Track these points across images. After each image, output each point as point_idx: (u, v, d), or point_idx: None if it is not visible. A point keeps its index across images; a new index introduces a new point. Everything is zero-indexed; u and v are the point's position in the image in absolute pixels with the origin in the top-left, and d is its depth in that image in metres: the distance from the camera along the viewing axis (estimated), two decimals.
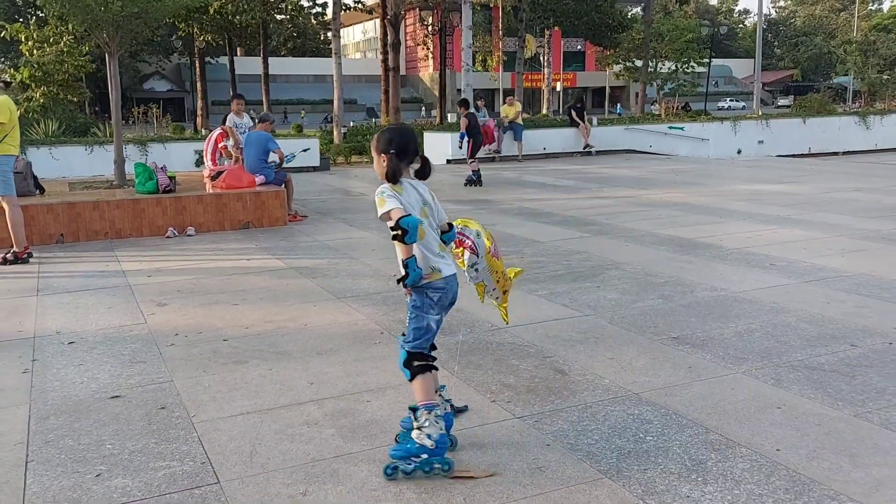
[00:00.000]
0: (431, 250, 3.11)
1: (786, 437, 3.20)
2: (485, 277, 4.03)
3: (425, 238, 3.06)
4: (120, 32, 9.63)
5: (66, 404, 3.75)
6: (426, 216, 3.13)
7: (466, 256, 3.99)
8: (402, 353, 3.11)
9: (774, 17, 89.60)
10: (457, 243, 4.01)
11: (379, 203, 2.99)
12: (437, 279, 3.09)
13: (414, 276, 2.97)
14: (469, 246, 3.94)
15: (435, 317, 3.13)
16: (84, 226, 8.47)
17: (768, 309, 5.12)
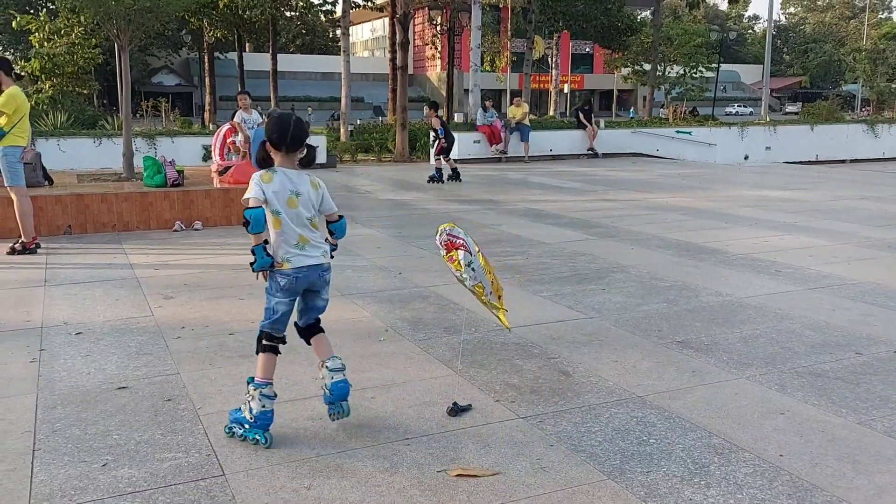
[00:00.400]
0: (287, 241, 3.24)
1: (789, 442, 3.20)
2: (481, 277, 4.12)
3: (281, 229, 3.22)
4: (131, 26, 9.67)
5: (74, 394, 3.78)
6: (294, 206, 3.22)
7: (461, 255, 4.05)
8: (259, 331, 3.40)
9: (784, 24, 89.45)
10: (449, 246, 4.09)
11: (248, 189, 3.21)
12: (286, 268, 3.24)
13: (260, 263, 3.23)
14: (461, 245, 4.01)
15: (282, 300, 3.30)
16: (92, 218, 8.51)
17: (773, 315, 5.12)
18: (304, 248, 3.27)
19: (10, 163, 7.17)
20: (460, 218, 9.61)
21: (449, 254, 4.12)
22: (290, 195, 3.21)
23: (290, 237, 3.24)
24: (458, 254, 4.07)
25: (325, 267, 3.36)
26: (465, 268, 3.98)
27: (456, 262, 4.05)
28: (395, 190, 13.20)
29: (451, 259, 4.10)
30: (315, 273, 3.31)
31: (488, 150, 18.76)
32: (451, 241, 4.10)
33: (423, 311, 5.27)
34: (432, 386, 3.88)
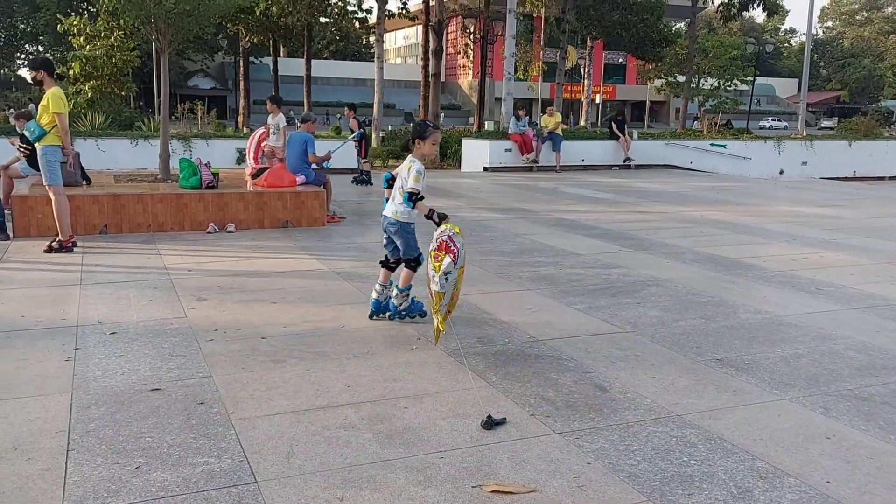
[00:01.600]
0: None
1: (836, 468, 3.09)
2: (448, 290, 4.22)
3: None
4: (171, 29, 9.78)
5: (108, 394, 3.78)
6: (398, 178, 5.11)
7: (446, 262, 4.23)
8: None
9: (821, 38, 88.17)
10: (442, 246, 4.33)
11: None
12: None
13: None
14: (453, 253, 4.30)
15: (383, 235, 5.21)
16: (128, 218, 8.60)
17: (815, 335, 4.99)
18: (388, 204, 5.13)
19: (49, 161, 7.28)
20: (493, 227, 9.55)
21: (437, 252, 4.32)
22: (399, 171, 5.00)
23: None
24: (445, 259, 4.26)
25: (389, 220, 5.07)
26: (441, 273, 4.24)
27: (437, 264, 4.27)
28: (425, 197, 13.14)
29: (435, 258, 4.29)
30: (385, 222, 5.13)
31: (520, 159, 18.69)
32: (448, 244, 4.31)
33: (456, 320, 5.20)
34: (465, 397, 3.82)
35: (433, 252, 4.41)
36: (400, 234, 5.02)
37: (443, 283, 4.24)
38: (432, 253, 4.41)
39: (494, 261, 7.33)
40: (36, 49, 53.24)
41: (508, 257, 7.53)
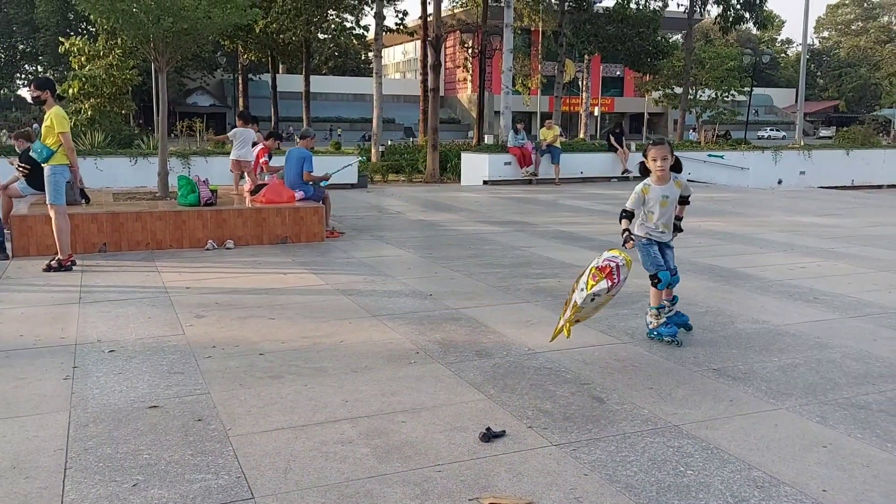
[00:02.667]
0: None
1: (832, 477, 3.10)
2: (587, 306, 4.31)
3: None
4: (169, 48, 9.86)
5: (106, 412, 3.79)
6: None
7: (601, 286, 4.22)
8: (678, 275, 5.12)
9: (818, 48, 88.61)
10: (605, 271, 4.29)
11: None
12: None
13: None
14: (614, 281, 4.25)
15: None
16: (126, 236, 8.63)
17: (812, 343, 4.99)
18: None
19: (56, 181, 7.39)
20: (492, 240, 9.57)
21: (599, 272, 4.26)
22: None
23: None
24: (602, 283, 4.22)
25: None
26: (588, 292, 4.25)
27: (593, 282, 4.25)
28: (425, 210, 13.22)
29: (593, 277, 4.25)
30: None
31: (519, 172, 18.75)
32: (612, 271, 4.28)
33: (454, 334, 5.23)
34: (463, 410, 3.83)
35: (594, 269, 4.36)
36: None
37: (587, 302, 4.29)
38: (593, 270, 4.36)
39: (494, 273, 7.35)
40: (35, 69, 53.54)
41: (507, 270, 7.55)
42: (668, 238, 5.04)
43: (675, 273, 5.04)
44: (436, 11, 22.42)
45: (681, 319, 5.13)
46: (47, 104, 7.34)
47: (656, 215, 4.94)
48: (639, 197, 4.96)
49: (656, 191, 4.93)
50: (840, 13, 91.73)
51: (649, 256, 4.99)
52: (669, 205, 4.94)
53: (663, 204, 4.92)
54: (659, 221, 4.95)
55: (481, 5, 32.45)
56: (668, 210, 4.94)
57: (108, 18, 9.81)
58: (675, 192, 4.95)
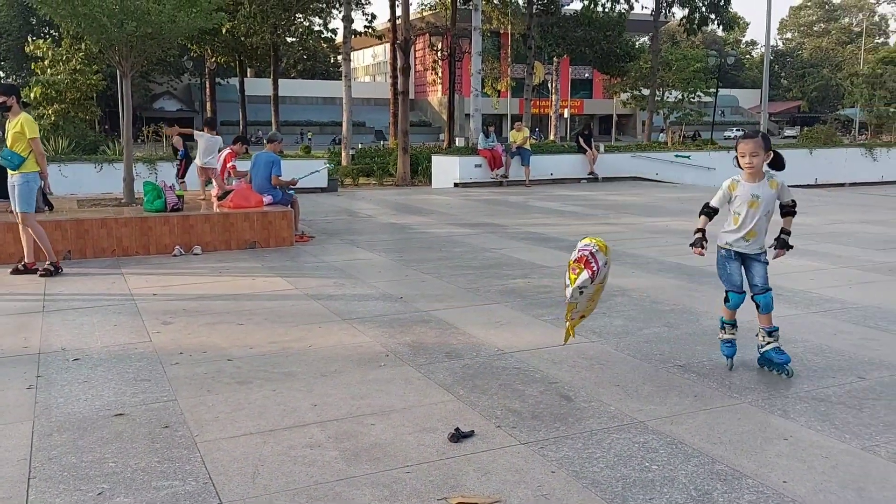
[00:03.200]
0: None
1: (792, 468, 3.17)
2: (581, 302, 4.12)
3: None
4: (133, 52, 9.75)
5: (70, 421, 3.74)
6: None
7: (583, 277, 4.01)
8: (771, 293, 4.36)
9: (781, 49, 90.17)
10: (582, 260, 4.06)
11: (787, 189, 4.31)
12: None
13: None
14: (592, 269, 4.01)
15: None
16: (91, 243, 8.51)
17: None
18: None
19: (30, 189, 7.36)
20: (463, 242, 9.60)
21: (576, 264, 4.08)
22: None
23: None
24: (583, 274, 4.04)
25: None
26: (575, 287, 4.04)
27: (574, 276, 4.07)
28: (396, 214, 13.22)
29: (573, 271, 4.07)
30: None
31: (489, 174, 18.83)
32: (588, 259, 4.06)
33: (424, 336, 5.25)
34: (432, 412, 3.84)
35: (571, 263, 4.13)
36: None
37: (576, 296, 4.07)
38: (570, 263, 4.13)
39: (464, 275, 7.38)
40: None
41: (478, 271, 7.58)
42: (756, 249, 4.32)
43: (763, 293, 4.30)
44: (404, 14, 22.44)
45: (780, 358, 4.31)
46: (12, 111, 7.25)
47: (743, 217, 4.28)
48: (724, 193, 4.37)
49: (745, 188, 4.28)
50: (802, 15, 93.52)
51: (724, 272, 4.43)
52: (760, 207, 4.24)
53: (752, 205, 4.24)
54: (746, 226, 4.28)
55: (450, 8, 32.55)
56: (758, 214, 4.26)
57: (70, 23, 9.68)
58: (769, 192, 4.26)
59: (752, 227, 4.28)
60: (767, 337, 4.32)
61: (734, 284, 4.37)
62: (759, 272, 4.31)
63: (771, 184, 4.28)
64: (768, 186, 4.28)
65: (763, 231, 4.30)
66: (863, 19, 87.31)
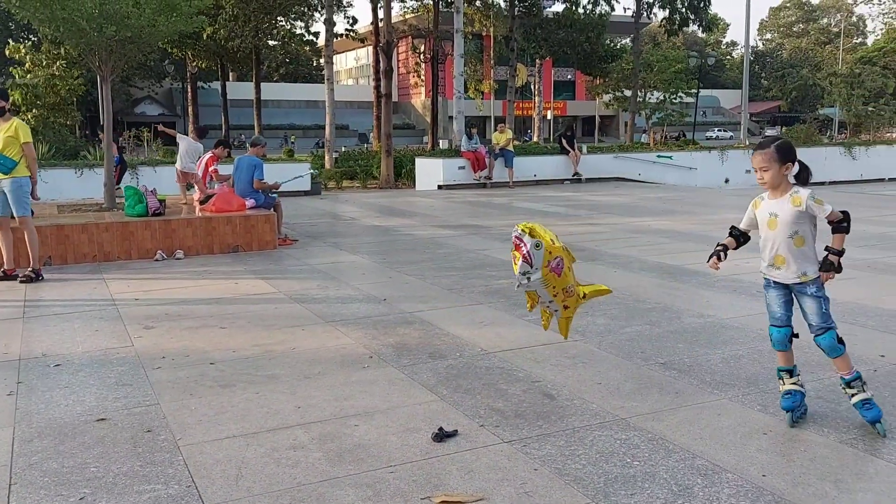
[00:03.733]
0: None
1: (771, 462, 3.21)
2: (538, 288, 3.94)
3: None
4: (113, 57, 9.69)
5: (51, 427, 3.72)
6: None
7: (519, 264, 3.87)
8: (833, 334, 3.53)
9: (761, 49, 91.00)
10: (515, 245, 3.91)
11: (819, 203, 3.52)
12: None
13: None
14: (523, 254, 3.84)
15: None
16: (72, 248, 8.45)
17: (755, 335, 5.14)
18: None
19: (24, 193, 7.35)
20: (446, 243, 9.62)
21: (514, 252, 3.95)
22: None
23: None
24: (518, 261, 3.89)
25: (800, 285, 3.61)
26: (520, 275, 3.86)
27: (515, 268, 3.93)
28: (380, 216, 13.22)
29: (514, 259, 3.95)
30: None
31: (473, 176, 18.87)
32: (517, 244, 3.89)
33: (408, 337, 5.26)
34: (416, 412, 3.85)
35: (513, 252, 3.95)
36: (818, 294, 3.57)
37: (524, 283, 3.84)
38: (512, 253, 3.97)
39: (448, 276, 7.39)
40: None
41: (461, 272, 7.60)
42: (794, 278, 3.55)
43: (823, 332, 3.52)
44: (386, 17, 22.45)
45: (867, 414, 3.53)
46: (4, 116, 7.25)
47: (764, 240, 3.66)
48: (748, 213, 3.78)
49: (765, 206, 3.64)
50: (782, 15, 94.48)
51: (766, 303, 3.74)
52: (780, 227, 3.56)
53: (771, 225, 3.59)
54: (771, 251, 3.61)
55: (432, 11, 32.60)
56: (780, 236, 3.57)
57: (48, 27, 9.60)
58: (790, 210, 3.53)
59: (776, 251, 3.59)
60: (847, 388, 3.58)
61: (774, 317, 3.67)
62: (811, 307, 3.54)
63: (794, 199, 3.54)
64: (790, 202, 3.55)
65: (796, 256, 3.54)
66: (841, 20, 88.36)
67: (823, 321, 3.50)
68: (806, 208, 3.51)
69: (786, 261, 3.57)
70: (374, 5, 29.84)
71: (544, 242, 3.88)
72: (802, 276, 3.53)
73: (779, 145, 3.56)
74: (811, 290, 3.53)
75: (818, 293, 3.52)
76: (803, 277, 3.53)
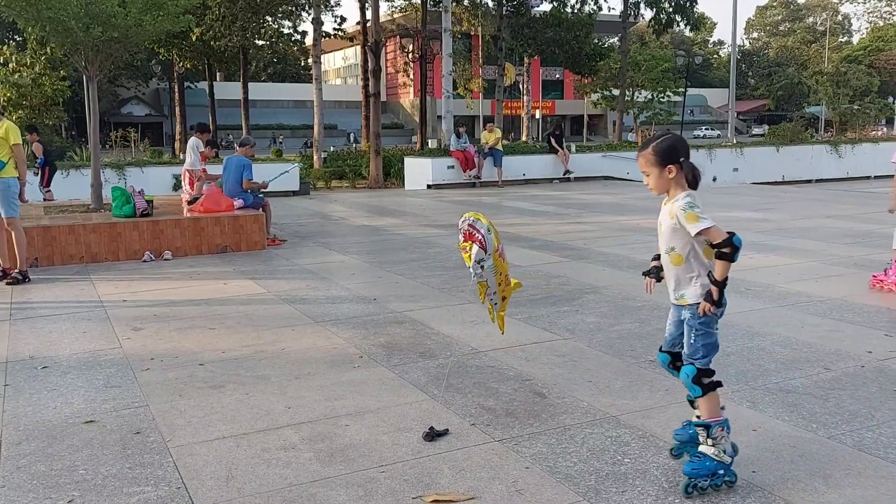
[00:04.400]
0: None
1: (761, 458, 3.22)
2: (489, 276, 3.90)
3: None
4: (99, 57, 9.63)
5: (39, 429, 3.69)
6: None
7: (474, 251, 3.81)
8: (692, 370, 3.02)
9: (748, 48, 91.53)
10: (466, 236, 3.84)
11: (690, 218, 2.86)
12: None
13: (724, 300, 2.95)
14: (478, 240, 3.79)
15: (717, 332, 3.08)
16: (59, 249, 8.38)
17: (744, 333, 5.17)
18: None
19: (13, 193, 7.32)
20: (436, 243, 9.62)
21: (464, 244, 3.91)
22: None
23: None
24: (473, 248, 3.84)
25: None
26: (474, 263, 3.78)
27: (467, 255, 3.87)
28: (369, 216, 13.20)
29: (464, 250, 3.89)
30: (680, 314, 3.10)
31: (462, 176, 18.87)
32: (470, 232, 3.85)
33: (398, 337, 5.25)
34: (407, 411, 3.85)
35: (460, 245, 3.90)
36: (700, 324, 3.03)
37: (479, 272, 3.80)
38: (460, 246, 3.92)
39: (437, 276, 7.39)
40: None
41: (451, 272, 7.60)
42: (674, 297, 3.10)
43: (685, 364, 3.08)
44: (374, 16, 22.42)
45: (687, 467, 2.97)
46: None
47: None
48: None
49: (661, 213, 3.13)
50: (768, 14, 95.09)
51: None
52: (664, 235, 3.07)
53: (659, 232, 3.13)
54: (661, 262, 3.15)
55: (420, 10, 32.56)
56: (663, 245, 3.09)
57: (35, 26, 9.52)
58: (667, 222, 3.04)
59: (665, 263, 3.12)
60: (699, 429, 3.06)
61: (666, 337, 3.24)
62: (685, 333, 3.08)
63: (669, 210, 3.02)
64: (667, 213, 3.04)
65: (674, 275, 3.06)
66: (827, 19, 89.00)
67: (689, 352, 3.04)
68: (679, 220, 2.94)
69: (668, 277, 3.10)
70: (362, 4, 29.79)
71: (492, 229, 3.84)
72: (680, 299, 3.05)
73: (656, 146, 3.03)
74: (685, 316, 3.04)
75: (691, 322, 3.01)
76: (680, 300, 3.05)
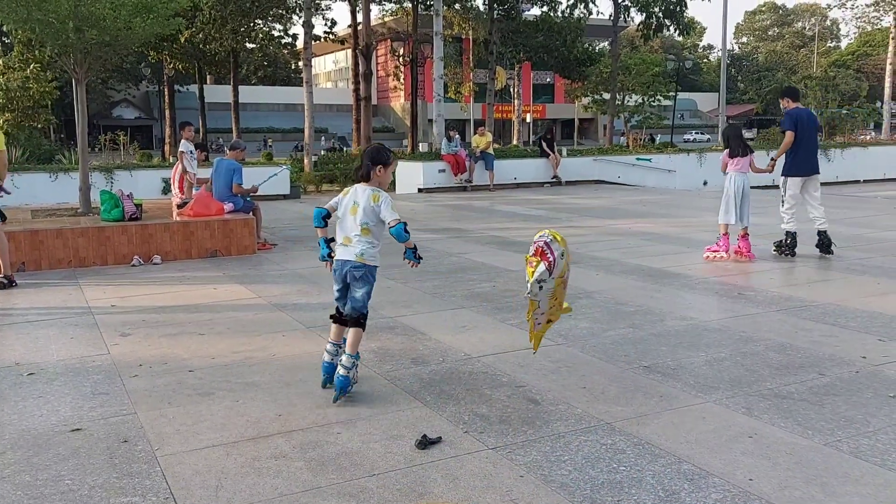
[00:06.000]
0: (337, 238, 4.24)
1: (758, 466, 3.20)
2: (543, 299, 3.94)
3: (338, 227, 4.23)
4: (89, 59, 9.55)
5: (25, 438, 3.62)
6: (353, 213, 4.19)
7: (540, 269, 3.83)
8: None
9: (738, 53, 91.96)
10: (537, 251, 3.89)
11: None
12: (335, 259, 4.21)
13: (320, 255, 4.32)
14: (549, 260, 3.82)
15: (334, 286, 4.28)
16: (47, 254, 8.29)
17: (738, 338, 5.15)
18: (346, 246, 4.16)
19: None
20: (428, 247, 9.57)
21: (532, 258, 3.89)
22: (353, 204, 4.19)
23: (338, 235, 4.22)
24: (540, 266, 3.85)
25: (353, 264, 4.13)
26: (534, 281, 3.85)
27: (531, 269, 3.87)
28: None
29: (530, 263, 3.89)
30: (346, 267, 4.14)
31: (453, 179, 18.83)
32: (543, 249, 3.86)
33: (390, 342, 5.20)
34: (399, 419, 3.80)
35: (528, 257, 3.94)
36: (366, 280, 4.18)
37: (535, 291, 3.87)
38: (527, 258, 3.96)
39: (430, 281, 7.34)
40: None
41: (443, 276, 7.56)
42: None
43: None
44: (365, 20, 22.39)
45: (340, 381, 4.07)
46: None
47: None
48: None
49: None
50: (757, 19, 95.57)
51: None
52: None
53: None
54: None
55: (411, 14, 32.55)
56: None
57: (25, 28, 9.44)
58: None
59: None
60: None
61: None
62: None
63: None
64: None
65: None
66: (815, 23, 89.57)
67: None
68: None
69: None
70: (353, 8, 29.74)
71: (566, 254, 3.93)
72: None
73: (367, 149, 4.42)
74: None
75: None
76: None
